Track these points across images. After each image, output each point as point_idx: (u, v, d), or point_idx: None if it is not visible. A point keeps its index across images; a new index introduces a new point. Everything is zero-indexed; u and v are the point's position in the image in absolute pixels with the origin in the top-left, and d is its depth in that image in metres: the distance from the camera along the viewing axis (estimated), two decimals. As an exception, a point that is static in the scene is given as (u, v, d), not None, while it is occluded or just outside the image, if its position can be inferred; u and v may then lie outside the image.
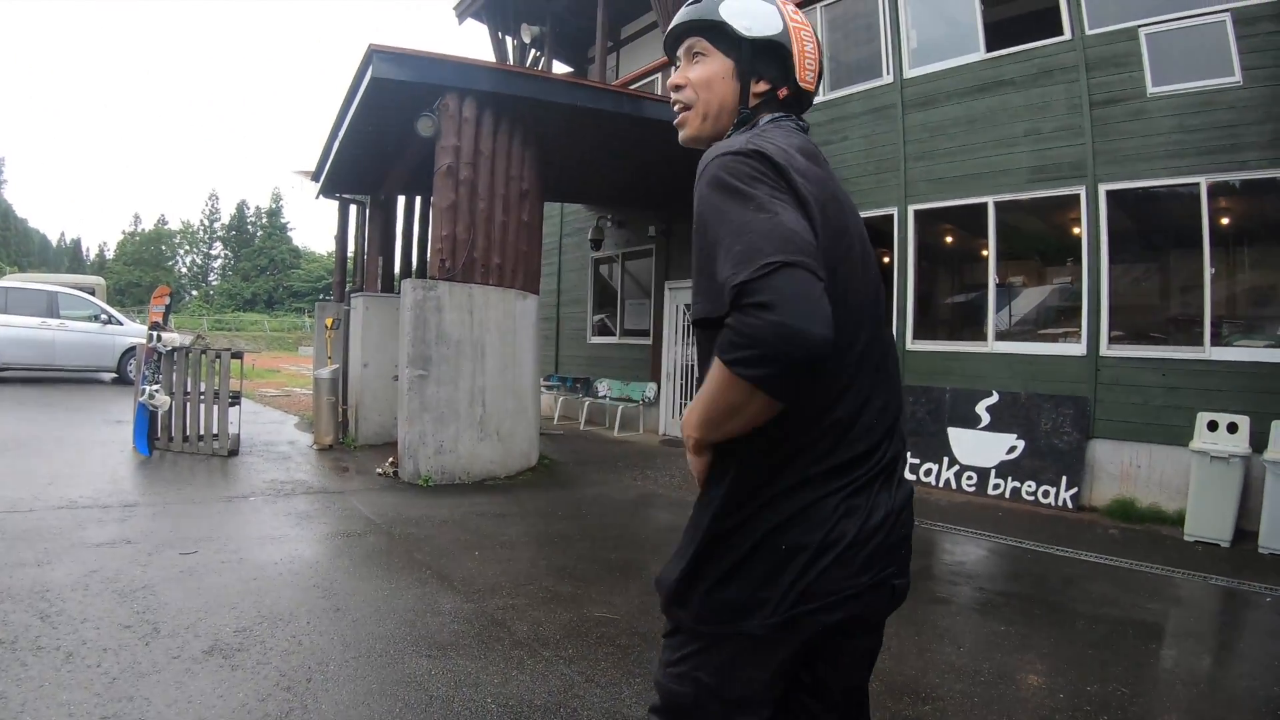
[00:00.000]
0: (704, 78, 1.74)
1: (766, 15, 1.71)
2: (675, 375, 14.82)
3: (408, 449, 8.92)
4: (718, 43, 1.73)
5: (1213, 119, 8.50)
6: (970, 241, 11.31)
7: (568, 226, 18.14)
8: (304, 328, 57.32)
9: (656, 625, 4.66)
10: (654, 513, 8.32)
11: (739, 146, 1.52)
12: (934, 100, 10.88)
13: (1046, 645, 4.81)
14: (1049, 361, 9.66)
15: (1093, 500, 9.18)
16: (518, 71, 9.78)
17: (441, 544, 6.42)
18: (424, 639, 4.34)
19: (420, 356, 8.90)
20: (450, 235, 9.18)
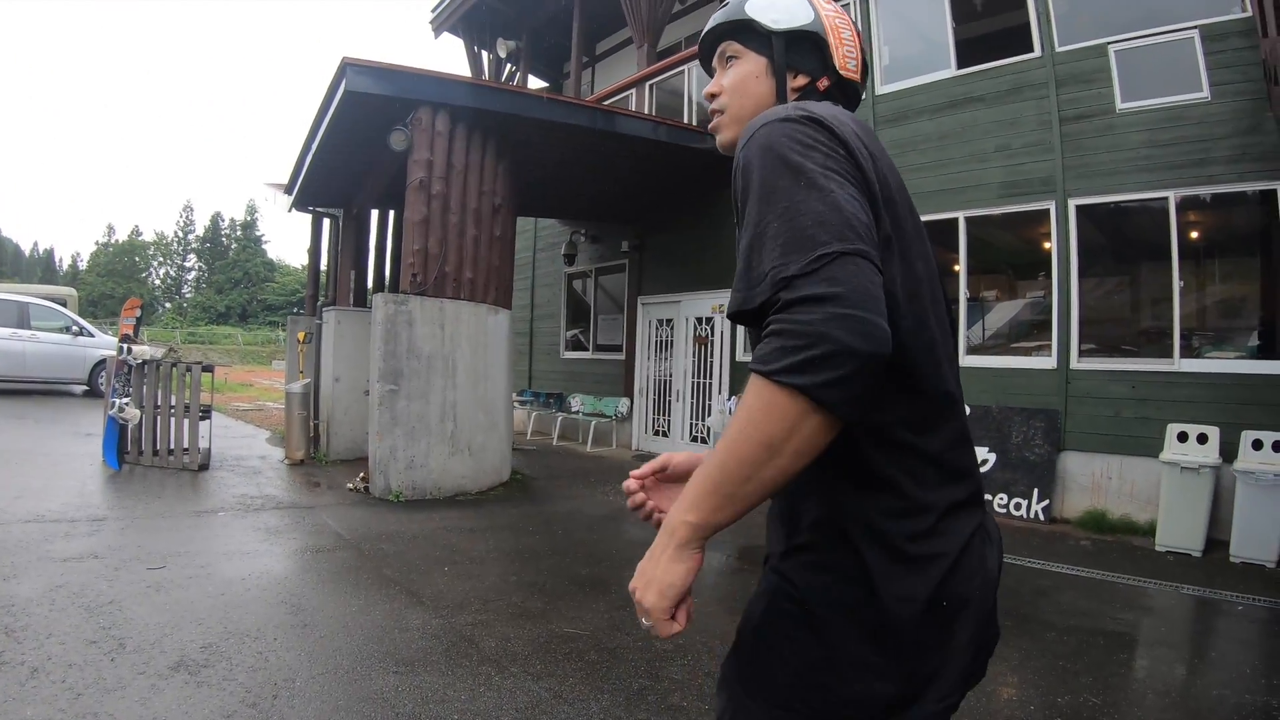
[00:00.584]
0: (737, 80, 1.63)
1: (794, 5, 1.60)
2: (648, 390, 14.81)
3: (378, 464, 8.87)
4: (749, 42, 1.62)
5: (1181, 134, 8.62)
6: (942, 256, 11.37)
7: (541, 241, 18.12)
8: (278, 341, 56.97)
9: (625, 641, 4.70)
10: (625, 528, 8.30)
11: (787, 112, 1.32)
12: (906, 116, 10.96)
13: (1018, 657, 4.83)
14: (1020, 375, 9.72)
15: (1064, 512, 9.24)
16: (492, 86, 9.82)
17: (411, 559, 6.39)
18: (392, 655, 4.32)
19: (391, 371, 8.87)
20: (422, 249, 9.16)
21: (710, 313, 13.45)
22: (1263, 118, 8.09)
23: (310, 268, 15.64)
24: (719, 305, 13.19)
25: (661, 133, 11.51)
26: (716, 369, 13.31)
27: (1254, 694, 4.36)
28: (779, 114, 1.33)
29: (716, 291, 13.24)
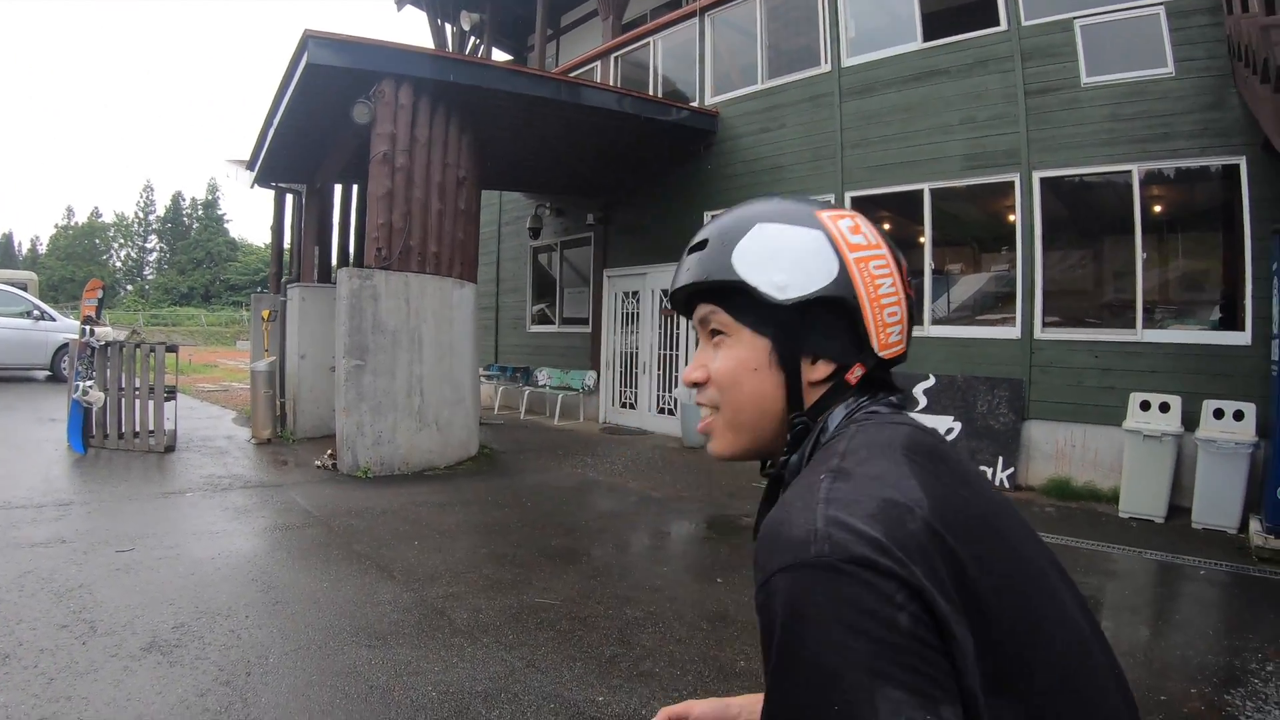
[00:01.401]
0: (728, 372, 1.15)
1: (807, 255, 1.10)
2: (614, 363, 14.81)
3: (345, 440, 8.82)
4: (741, 314, 1.13)
5: (1145, 108, 8.70)
6: (908, 228, 11.43)
7: (506, 215, 18.02)
8: (241, 321, 56.35)
9: (596, 609, 4.72)
10: (593, 499, 8.33)
11: (820, 549, 0.85)
12: (871, 89, 10.98)
13: (984, 622, 4.88)
14: (985, 345, 9.81)
15: (1029, 479, 9.36)
16: (456, 58, 9.73)
17: (381, 535, 6.37)
18: (364, 629, 4.31)
19: (357, 346, 8.81)
20: (386, 224, 9.08)
21: (677, 284, 13.34)
22: (1226, 94, 8.17)
23: (273, 245, 15.44)
24: (686, 275, 13.12)
25: (627, 104, 11.46)
26: (683, 340, 13.33)
27: (1216, 655, 4.45)
28: (807, 549, 0.86)
29: (682, 263, 13.16)
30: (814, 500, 0.91)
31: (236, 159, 15.43)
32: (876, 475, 0.93)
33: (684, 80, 13.85)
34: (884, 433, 1.04)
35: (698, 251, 1.17)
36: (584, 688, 3.73)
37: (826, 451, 1.03)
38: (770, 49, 12.38)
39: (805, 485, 0.97)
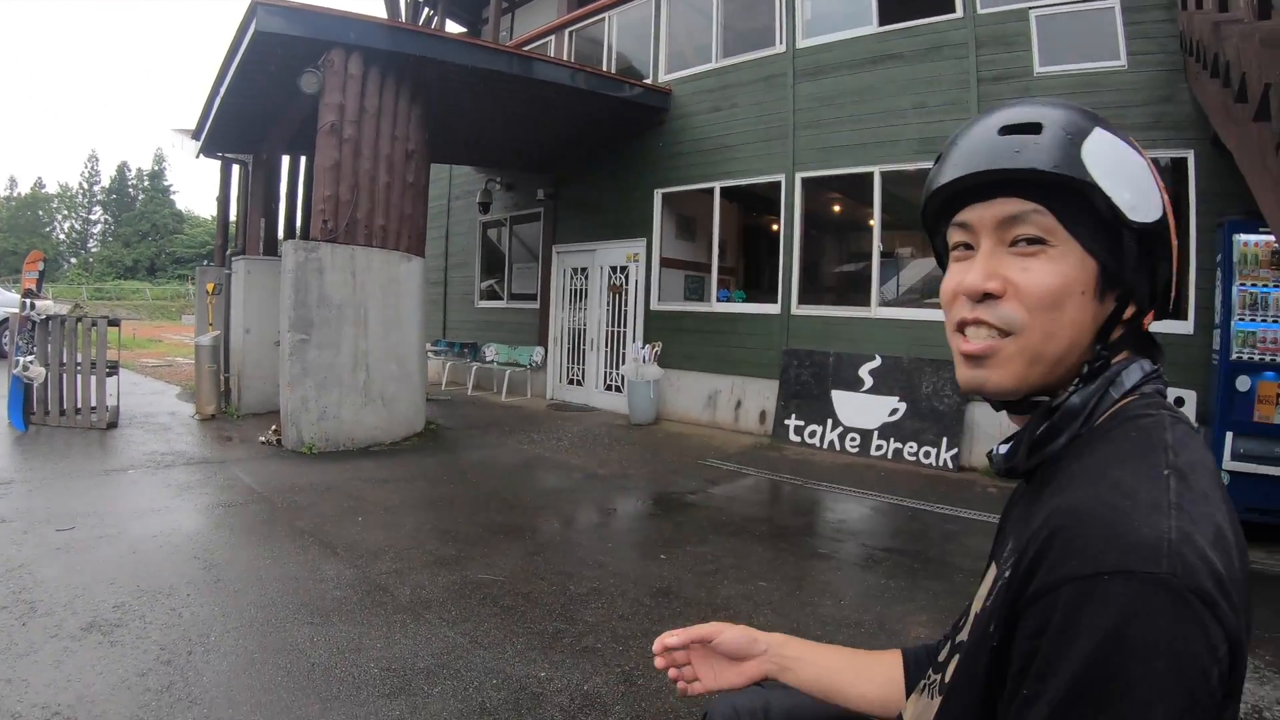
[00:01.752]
0: (1052, 290, 0.98)
1: (1145, 179, 1.02)
2: (562, 340, 14.81)
3: (290, 416, 8.74)
4: (1074, 224, 0.99)
5: (1097, 100, 8.79)
6: (857, 210, 11.56)
7: (456, 189, 17.87)
8: (187, 295, 55.34)
9: (539, 585, 4.73)
10: (539, 475, 8.33)
11: (1173, 558, 0.75)
12: (825, 71, 11.02)
13: (926, 598, 4.98)
14: (930, 326, 9.91)
15: (973, 460, 9.47)
16: (408, 28, 9.59)
17: (325, 511, 6.32)
18: (306, 606, 4.28)
19: (302, 320, 8.71)
20: (333, 196, 8.97)
21: (625, 261, 13.48)
22: (1178, 88, 8.32)
23: (219, 217, 15.23)
24: (633, 254, 13.23)
25: (580, 80, 11.40)
26: (631, 318, 13.36)
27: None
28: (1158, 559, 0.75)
29: (631, 240, 13.28)
30: (1164, 499, 0.80)
31: (183, 128, 15.15)
32: (1206, 492, 0.83)
33: (638, 57, 13.82)
34: (1195, 437, 0.93)
35: (1025, 134, 1.01)
36: (527, 663, 3.74)
37: (1139, 427, 0.93)
38: (726, 28, 12.39)
39: (1140, 468, 0.86)
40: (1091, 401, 0.99)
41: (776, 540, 6.18)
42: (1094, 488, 0.85)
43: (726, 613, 4.52)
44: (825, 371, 10.57)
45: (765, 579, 5.17)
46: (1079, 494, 0.85)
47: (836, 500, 7.78)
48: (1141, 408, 0.97)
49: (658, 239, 12.93)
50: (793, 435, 10.64)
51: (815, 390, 10.58)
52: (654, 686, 3.56)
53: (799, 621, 4.44)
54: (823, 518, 7.25)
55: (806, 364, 10.78)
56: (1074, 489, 0.87)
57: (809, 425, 10.53)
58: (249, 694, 3.32)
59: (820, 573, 5.44)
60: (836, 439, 10.24)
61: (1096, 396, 0.99)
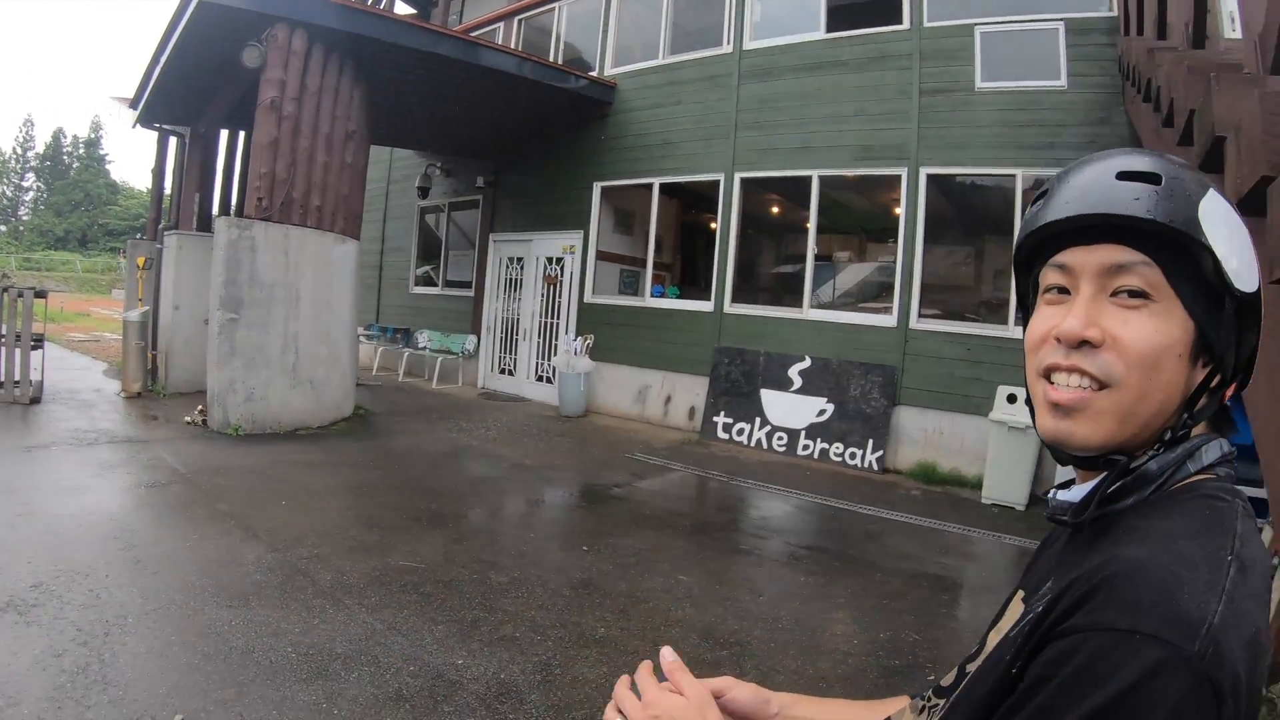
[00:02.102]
0: (1153, 347, 0.94)
1: (1248, 248, 0.98)
2: (495, 328, 14.78)
3: (217, 396, 8.63)
4: (1180, 282, 0.95)
5: (1035, 117, 9.09)
6: (795, 213, 11.70)
7: (396, 173, 17.68)
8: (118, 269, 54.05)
9: (460, 573, 4.78)
10: (466, 464, 8.35)
11: (1208, 641, 0.74)
12: (770, 73, 11.15)
13: (844, 595, 5.11)
14: (860, 331, 10.11)
15: (897, 463, 9.68)
16: (356, 7, 9.48)
17: (248, 494, 6.29)
18: (225, 590, 4.27)
19: (232, 299, 8.60)
20: (269, 173, 8.86)
21: (561, 253, 13.48)
22: (1114, 111, 8.60)
23: (154, 189, 14.91)
24: (570, 246, 13.25)
25: (526, 69, 11.38)
26: (565, 309, 13.38)
27: (1062, 634, 4.75)
28: (1193, 638, 0.74)
29: (568, 232, 13.29)
30: (1220, 583, 0.79)
31: (122, 96, 14.78)
32: (1257, 593, 0.83)
33: (586, 49, 13.83)
34: (1259, 535, 0.91)
35: (1143, 182, 0.96)
36: (444, 651, 3.77)
37: (1213, 507, 0.90)
38: (675, 25, 12.46)
39: (1208, 545, 0.84)
40: (1168, 471, 0.95)
41: (700, 535, 6.27)
42: (1158, 550, 0.83)
43: (646, 605, 4.59)
44: (755, 370, 10.70)
45: (686, 573, 5.25)
46: (1142, 551, 0.84)
47: (761, 498, 7.90)
48: (1218, 489, 0.94)
49: (595, 232, 12.96)
50: (721, 432, 10.75)
51: (745, 388, 10.70)
52: (570, 676, 3.62)
53: (717, 615, 4.53)
54: (747, 515, 7.37)
55: (737, 362, 10.89)
56: (1138, 545, 0.85)
57: (737, 423, 10.65)
58: (166, 676, 3.32)
59: (741, 568, 5.55)
60: (764, 437, 10.37)
61: (1174, 466, 0.96)
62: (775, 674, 3.91)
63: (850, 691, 3.75)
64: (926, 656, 4.25)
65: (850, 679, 3.92)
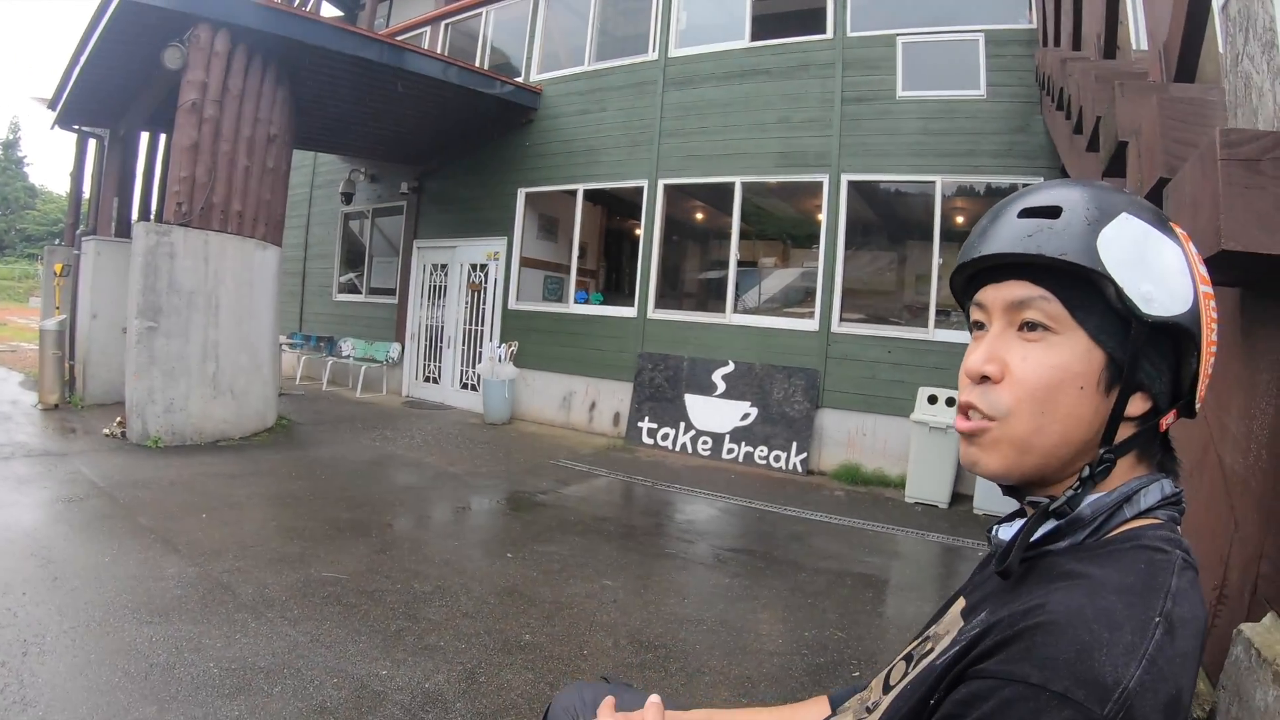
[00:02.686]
0: (1047, 380, 0.97)
1: (1172, 271, 0.96)
2: (420, 336, 14.70)
3: (135, 407, 8.47)
4: (1082, 314, 0.97)
5: (955, 125, 9.38)
6: (719, 219, 11.85)
7: (319, 178, 17.46)
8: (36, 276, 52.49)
9: (383, 584, 4.80)
10: (390, 473, 8.30)
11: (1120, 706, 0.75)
12: (694, 81, 11.30)
13: (769, 596, 5.22)
14: (783, 335, 10.29)
15: (821, 465, 9.88)
16: (281, 8, 9.37)
17: (168, 507, 6.20)
18: (145, 605, 4.22)
19: (150, 307, 8.45)
20: (189, 177, 8.72)
21: (485, 259, 13.46)
22: (1032, 119, 8.92)
23: (72, 193, 14.59)
24: (494, 252, 13.24)
25: (451, 74, 11.38)
26: (489, 316, 13.37)
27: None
28: (1104, 702, 0.75)
29: (492, 238, 13.28)
30: (1141, 644, 0.79)
31: (41, 96, 14.42)
32: (1185, 653, 0.82)
33: (513, 54, 13.85)
34: (1196, 588, 0.90)
35: (1043, 218, 0.98)
36: (368, 661, 3.78)
37: (1149, 560, 0.89)
38: (601, 32, 12.57)
39: (1135, 605, 0.83)
40: (1102, 516, 0.96)
41: (625, 540, 6.34)
42: (1085, 605, 0.83)
43: (572, 610, 4.64)
44: (679, 376, 10.82)
45: (611, 578, 5.31)
46: (1068, 604, 0.83)
47: (686, 502, 8.01)
48: (1157, 539, 0.92)
49: (519, 238, 12.97)
50: (646, 437, 10.86)
51: (669, 394, 10.82)
52: (495, 684, 3.65)
53: (643, 619, 4.60)
54: (672, 519, 7.45)
55: (661, 368, 11.01)
56: (1066, 595, 0.85)
57: (662, 428, 10.77)
58: (86, 696, 3.29)
59: (666, 572, 5.62)
60: (689, 442, 10.50)
61: (1108, 512, 0.96)
62: (701, 675, 3.97)
63: (776, 690, 3.86)
64: (851, 654, 4.35)
65: (776, 678, 4.00)
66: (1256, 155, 1.05)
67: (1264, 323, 1.16)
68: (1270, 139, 1.04)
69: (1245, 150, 1.05)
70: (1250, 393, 1.20)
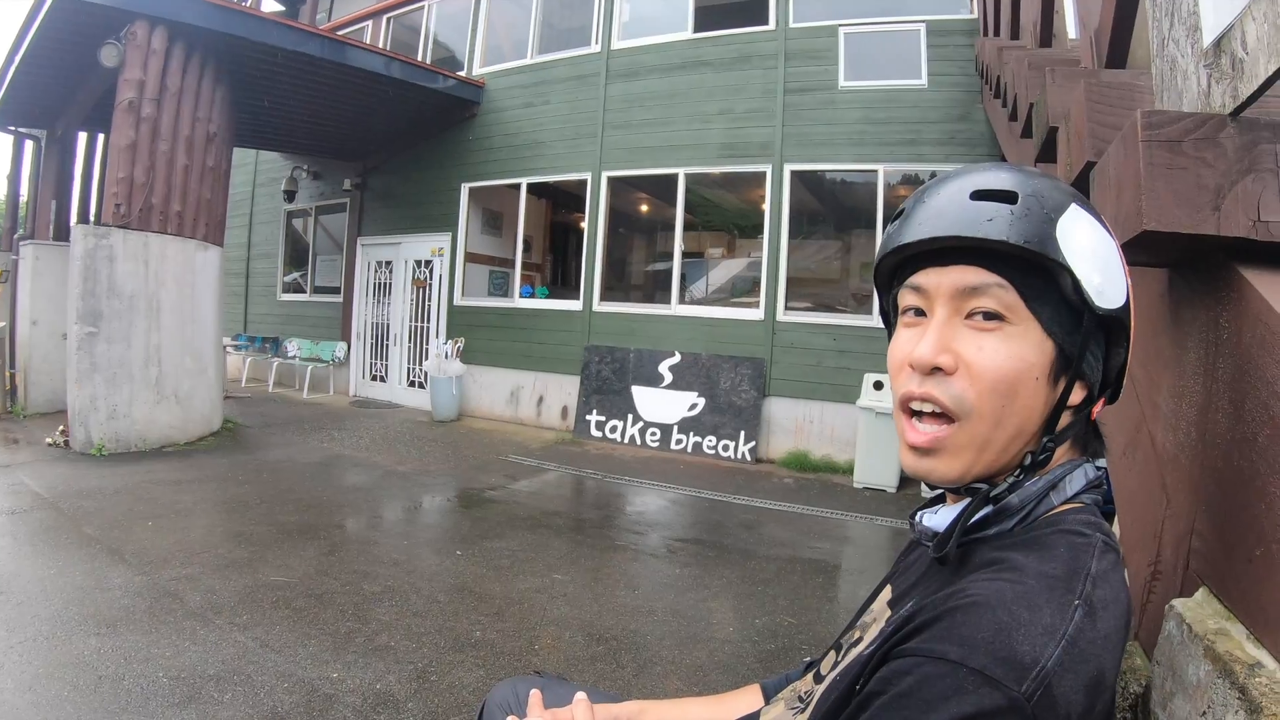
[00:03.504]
0: (1006, 373, 0.95)
1: (1114, 264, 0.98)
2: (366, 335, 14.60)
3: (78, 415, 8.35)
4: (1037, 304, 0.96)
5: (896, 115, 9.54)
6: (664, 211, 11.91)
7: (261, 176, 17.21)
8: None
9: (332, 585, 4.83)
10: (338, 474, 8.26)
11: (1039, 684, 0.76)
12: (637, 73, 11.35)
13: (720, 584, 5.30)
14: (729, 325, 10.40)
15: (770, 453, 10.01)
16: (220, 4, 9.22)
17: (113, 516, 6.14)
18: (93, 617, 4.20)
19: (90, 312, 8.32)
20: (127, 178, 8.58)
21: (430, 255, 13.43)
22: (973, 108, 9.10)
23: (9, 197, 14.31)
24: (438, 248, 13.21)
25: (394, 69, 11.33)
26: (435, 313, 13.35)
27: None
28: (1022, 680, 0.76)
29: (436, 234, 13.26)
30: (1060, 625, 0.80)
31: (-25, 97, 14.14)
32: (1106, 634, 0.83)
33: (457, 48, 13.81)
34: (1119, 570, 0.91)
35: (1000, 202, 0.96)
36: (319, 665, 3.79)
37: (1070, 544, 0.91)
38: (545, 24, 12.55)
39: (1055, 588, 0.84)
40: (1030, 505, 0.97)
41: (575, 534, 6.40)
42: (1006, 589, 0.84)
43: (522, 606, 4.67)
44: (626, 368, 10.88)
45: (561, 572, 5.36)
46: (991, 589, 0.84)
47: (636, 493, 8.07)
48: (1079, 523, 0.93)
49: (464, 233, 12.96)
50: (594, 430, 10.91)
51: (616, 386, 10.88)
52: (447, 682, 3.68)
53: (594, 612, 4.65)
54: (622, 511, 7.50)
55: (608, 360, 11.06)
56: (989, 582, 0.86)
57: (610, 420, 10.83)
58: (34, 711, 3.28)
59: (617, 564, 5.67)
60: (637, 434, 10.57)
61: (1035, 500, 0.97)
62: (653, 666, 4.02)
63: (728, 677, 3.92)
64: (802, 639, 4.43)
65: (728, 666, 4.06)
66: (1178, 136, 1.09)
67: (1190, 302, 1.20)
68: (1192, 120, 1.09)
69: (1167, 132, 1.09)
70: (1179, 371, 1.25)
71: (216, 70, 9.61)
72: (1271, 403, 0.94)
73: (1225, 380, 1.07)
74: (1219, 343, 1.09)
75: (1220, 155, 1.06)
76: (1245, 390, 1.01)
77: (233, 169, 10.74)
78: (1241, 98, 1.04)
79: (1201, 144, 1.07)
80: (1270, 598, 0.92)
